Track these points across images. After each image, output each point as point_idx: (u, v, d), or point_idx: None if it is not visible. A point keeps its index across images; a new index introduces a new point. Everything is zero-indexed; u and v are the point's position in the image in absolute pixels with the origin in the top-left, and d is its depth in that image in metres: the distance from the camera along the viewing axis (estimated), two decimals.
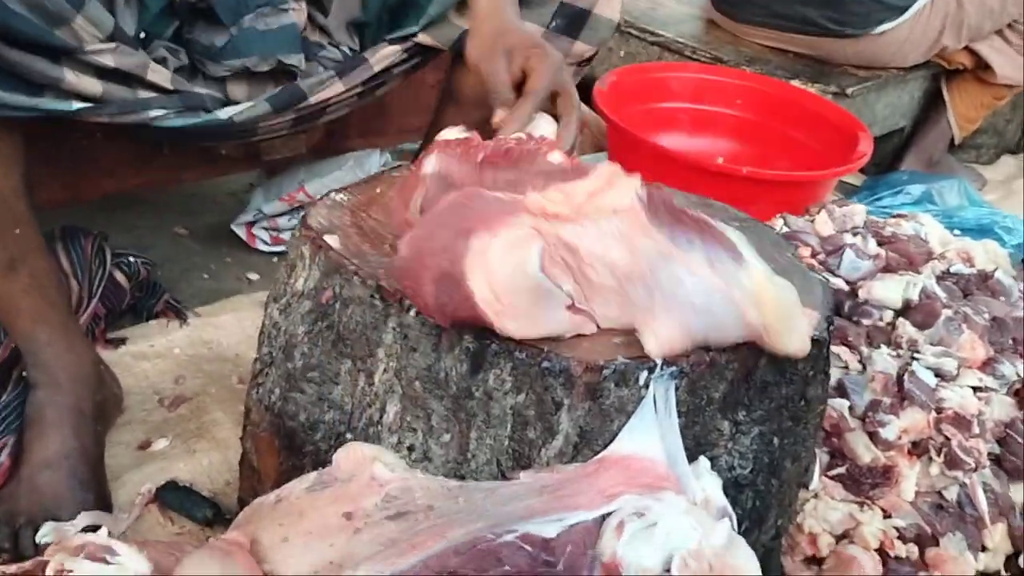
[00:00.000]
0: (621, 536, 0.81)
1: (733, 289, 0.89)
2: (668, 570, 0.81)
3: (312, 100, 1.34)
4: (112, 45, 1.15)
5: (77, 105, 1.15)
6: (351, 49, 1.46)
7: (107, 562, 0.88)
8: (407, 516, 0.87)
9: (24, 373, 1.34)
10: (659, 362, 0.90)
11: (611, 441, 0.91)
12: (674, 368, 0.91)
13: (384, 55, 1.37)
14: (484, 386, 0.92)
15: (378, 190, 1.15)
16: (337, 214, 1.09)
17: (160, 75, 1.23)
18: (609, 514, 0.84)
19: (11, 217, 1.18)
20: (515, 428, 0.92)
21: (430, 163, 1.02)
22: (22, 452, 1.26)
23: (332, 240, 1.02)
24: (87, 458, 1.27)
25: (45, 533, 1.18)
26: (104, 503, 1.27)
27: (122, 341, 1.60)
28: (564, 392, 0.90)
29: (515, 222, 0.88)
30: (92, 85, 1.16)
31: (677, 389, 0.91)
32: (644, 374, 0.90)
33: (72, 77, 1.13)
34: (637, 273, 0.90)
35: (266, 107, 1.30)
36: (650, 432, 0.90)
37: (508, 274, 0.87)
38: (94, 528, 1.17)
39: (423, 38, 1.37)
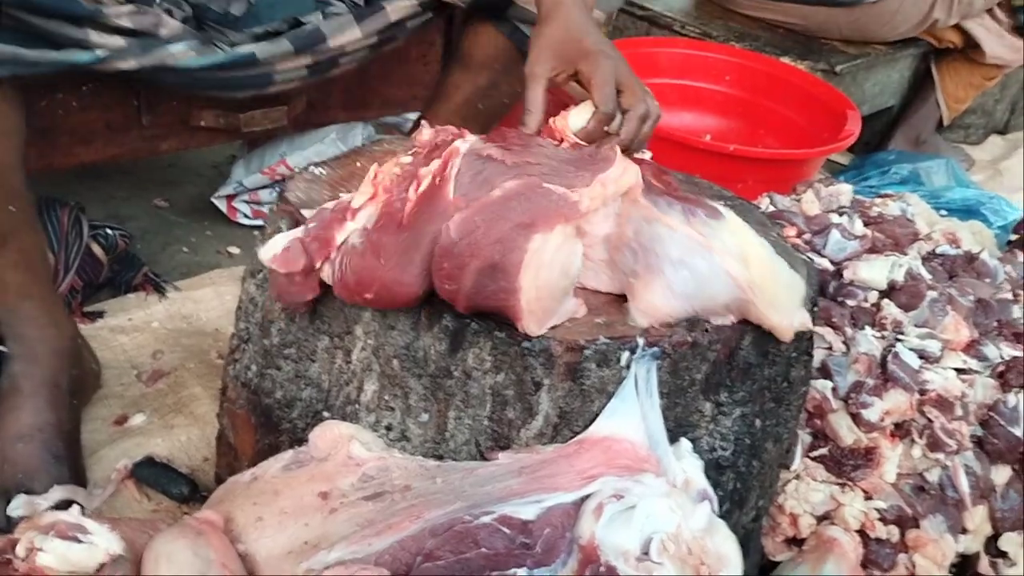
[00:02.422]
0: (599, 519, 0.81)
1: (712, 241, 0.90)
2: (647, 553, 0.80)
3: (331, 44, 1.33)
4: (130, 8, 1.17)
5: (102, 53, 1.16)
6: (356, 4, 1.44)
7: (78, 540, 0.86)
8: (384, 496, 0.86)
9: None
10: (640, 342, 0.89)
11: (591, 422, 0.90)
12: (656, 348, 0.89)
13: (400, 6, 1.37)
14: (463, 365, 0.91)
15: (358, 164, 1.13)
16: (316, 188, 1.07)
17: (171, 28, 1.23)
18: (588, 496, 0.83)
19: (5, 193, 1.16)
20: (494, 408, 0.91)
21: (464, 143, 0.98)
22: None
23: (310, 215, 1.00)
24: (62, 432, 1.25)
25: (17, 506, 1.17)
26: (79, 478, 1.25)
27: (100, 314, 1.58)
28: (544, 372, 0.89)
29: (566, 221, 0.89)
30: (115, 41, 1.17)
31: (659, 370, 0.90)
32: (625, 354, 0.89)
33: (96, 36, 1.15)
34: (624, 239, 0.92)
35: (287, 45, 1.30)
36: (631, 413, 0.89)
37: (555, 275, 0.87)
38: (67, 503, 1.17)
39: None
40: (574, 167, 0.95)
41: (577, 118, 1.08)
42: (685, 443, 0.93)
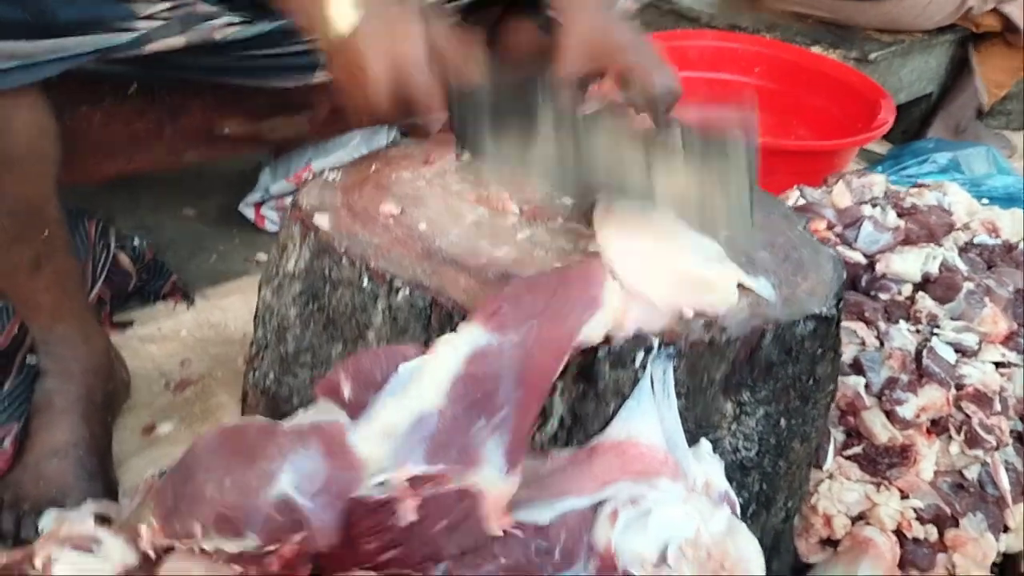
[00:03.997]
0: (615, 525, 0.79)
1: None
2: (665, 559, 0.78)
3: None
4: (167, 3, 1.15)
5: (145, 30, 1.12)
6: None
7: (92, 551, 0.86)
8: None
9: (28, 359, 1.33)
10: (655, 342, 0.87)
11: (607, 424, 0.88)
12: (671, 348, 0.87)
13: None
14: None
15: (372, 168, 1.12)
16: (329, 193, 1.06)
17: (207, 10, 1.20)
18: (603, 502, 0.81)
19: (41, 220, 1.17)
20: None
21: None
22: (28, 439, 1.25)
23: (322, 220, 1.00)
24: (96, 448, 1.26)
25: (48, 521, 1.17)
26: (111, 492, 1.26)
27: (129, 324, 1.59)
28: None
29: None
30: (157, 22, 1.14)
31: (676, 370, 0.88)
32: (640, 355, 0.87)
33: (144, 23, 1.12)
34: None
35: None
36: (647, 415, 0.87)
37: None
38: (99, 517, 1.17)
39: None
40: None
41: None
42: (705, 444, 0.91)
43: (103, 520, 1.12)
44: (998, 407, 1.24)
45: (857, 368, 1.27)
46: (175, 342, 1.57)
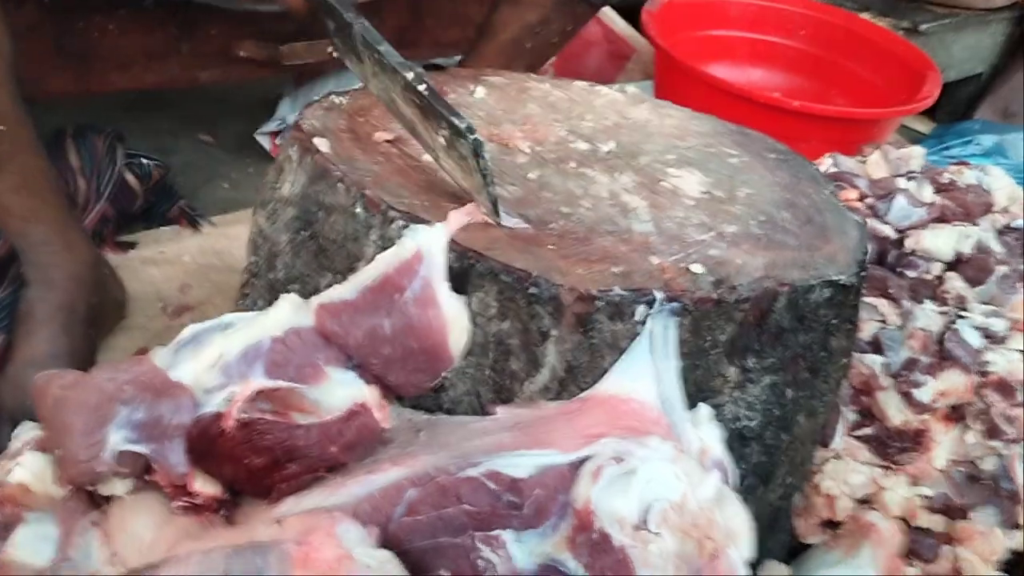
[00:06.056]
0: (597, 482, 0.74)
1: None
2: (646, 521, 0.73)
3: None
4: None
5: None
6: None
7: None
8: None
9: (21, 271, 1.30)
10: (659, 296, 0.81)
11: (600, 379, 0.82)
12: (675, 304, 0.82)
13: None
14: (467, 310, 0.84)
15: None
16: (333, 117, 1.01)
17: None
18: (587, 458, 0.76)
19: None
20: (497, 358, 0.84)
21: None
22: (11, 349, 1.23)
23: (322, 144, 0.95)
24: (76, 360, 1.23)
25: (20, 432, 1.14)
26: None
27: (131, 245, 1.56)
28: (552, 322, 0.82)
29: None
30: None
31: (678, 327, 0.83)
32: (641, 308, 0.81)
33: None
34: None
35: None
36: (643, 372, 0.82)
37: None
38: None
39: None
40: None
41: None
42: (705, 409, 0.86)
43: None
44: (1021, 398, 1.18)
45: (876, 346, 1.21)
46: (177, 267, 1.54)
